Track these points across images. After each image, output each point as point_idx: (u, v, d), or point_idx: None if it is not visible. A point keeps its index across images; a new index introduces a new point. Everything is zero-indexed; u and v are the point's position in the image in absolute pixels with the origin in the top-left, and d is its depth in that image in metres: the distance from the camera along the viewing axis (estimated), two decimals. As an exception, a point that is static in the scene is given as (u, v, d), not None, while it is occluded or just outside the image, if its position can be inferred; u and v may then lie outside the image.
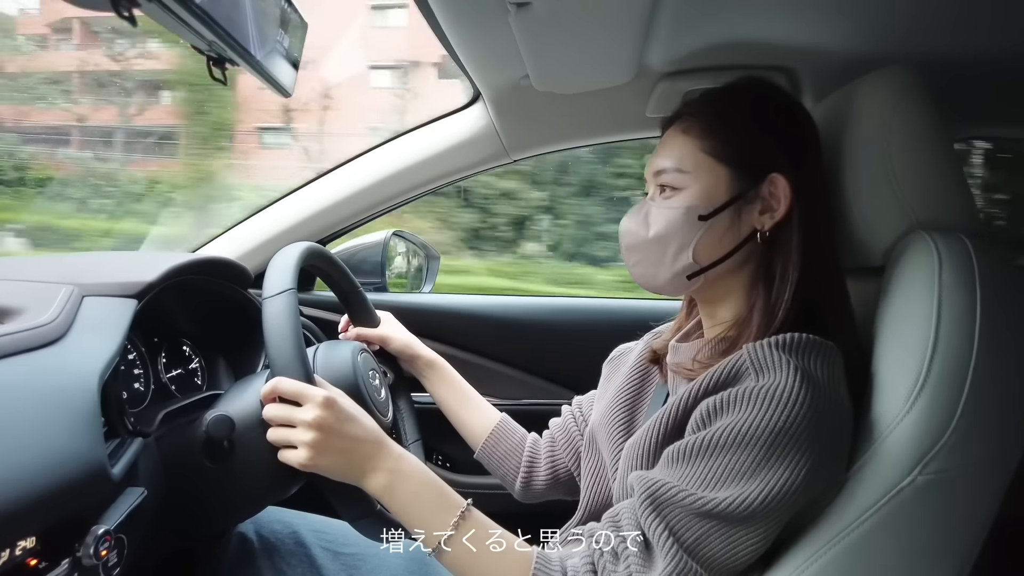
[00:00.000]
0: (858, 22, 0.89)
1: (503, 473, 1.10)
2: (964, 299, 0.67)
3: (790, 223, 0.76)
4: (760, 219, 0.77)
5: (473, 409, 1.13)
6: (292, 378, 0.78)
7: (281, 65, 0.74)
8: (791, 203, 0.76)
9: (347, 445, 0.78)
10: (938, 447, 0.65)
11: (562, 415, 1.11)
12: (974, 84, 1.01)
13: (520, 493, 1.10)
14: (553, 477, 1.07)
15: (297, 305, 0.82)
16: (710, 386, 0.72)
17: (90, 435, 0.68)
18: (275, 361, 0.79)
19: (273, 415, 0.79)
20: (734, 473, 0.66)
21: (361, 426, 0.80)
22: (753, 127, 0.78)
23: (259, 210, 1.47)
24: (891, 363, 0.71)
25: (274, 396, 0.79)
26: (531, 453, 1.09)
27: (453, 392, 1.14)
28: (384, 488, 0.78)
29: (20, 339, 0.70)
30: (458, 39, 0.98)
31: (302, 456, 0.76)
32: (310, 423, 0.76)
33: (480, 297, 1.61)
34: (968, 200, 0.77)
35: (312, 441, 0.76)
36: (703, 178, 0.78)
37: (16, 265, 1.01)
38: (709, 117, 0.80)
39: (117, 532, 0.67)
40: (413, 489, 0.78)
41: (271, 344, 0.79)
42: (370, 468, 0.78)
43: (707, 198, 0.77)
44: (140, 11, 0.51)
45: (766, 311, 0.75)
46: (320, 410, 0.77)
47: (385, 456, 0.79)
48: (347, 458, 0.78)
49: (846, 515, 0.67)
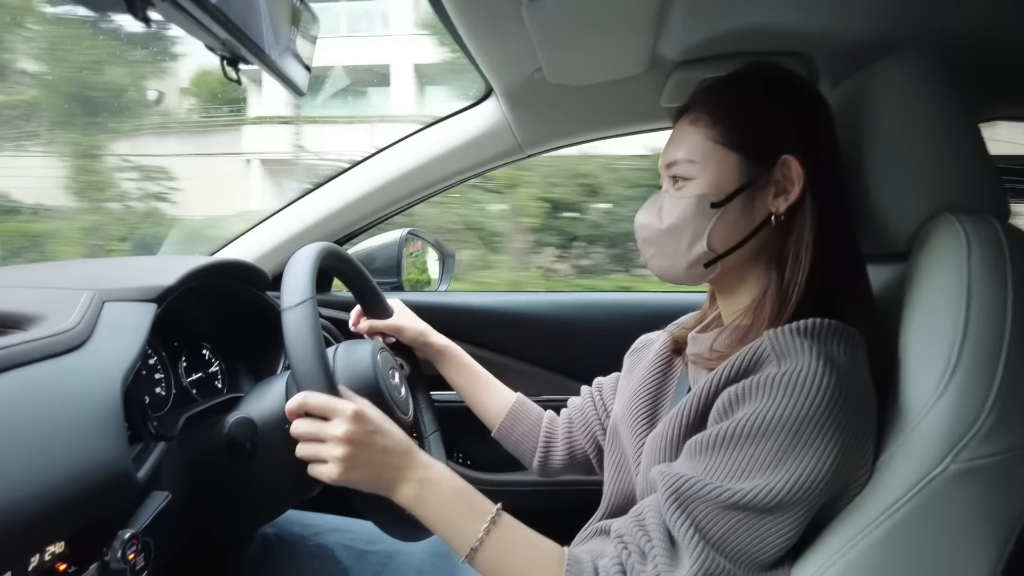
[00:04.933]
0: (874, 5, 0.88)
1: (521, 451, 1.11)
2: (995, 282, 0.66)
3: (804, 204, 0.75)
4: (775, 203, 0.76)
5: (490, 391, 1.13)
6: (318, 391, 0.78)
7: (294, 64, 0.74)
8: (804, 184, 0.75)
9: (377, 457, 0.77)
10: (971, 434, 0.63)
11: (581, 395, 1.11)
12: (995, 64, 0.99)
13: (538, 470, 1.10)
14: (570, 457, 1.07)
15: (317, 315, 0.81)
16: (731, 375, 0.71)
17: (115, 440, 0.68)
18: (299, 374, 0.78)
19: (302, 431, 0.78)
20: (759, 463, 0.65)
21: (390, 437, 0.79)
22: (760, 111, 0.77)
23: (276, 212, 1.47)
24: (920, 349, 0.70)
25: (301, 411, 0.78)
26: (548, 432, 1.09)
27: (468, 376, 1.14)
28: (414, 498, 0.77)
29: (43, 345, 0.70)
30: (470, 35, 0.98)
31: (333, 471, 0.76)
32: (340, 438, 0.75)
33: (496, 294, 1.61)
34: (995, 181, 0.76)
35: (343, 456, 0.75)
36: (713, 167, 0.77)
37: (36, 272, 1.02)
38: (715, 105, 0.79)
39: (144, 536, 0.68)
40: (442, 497, 0.78)
41: (294, 357, 0.78)
42: (400, 479, 0.78)
43: (718, 186, 0.77)
44: (154, 12, 0.51)
45: (779, 295, 0.75)
46: (350, 424, 0.76)
47: (414, 466, 0.79)
48: (377, 470, 0.77)
49: (877, 505, 0.66)
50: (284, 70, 0.70)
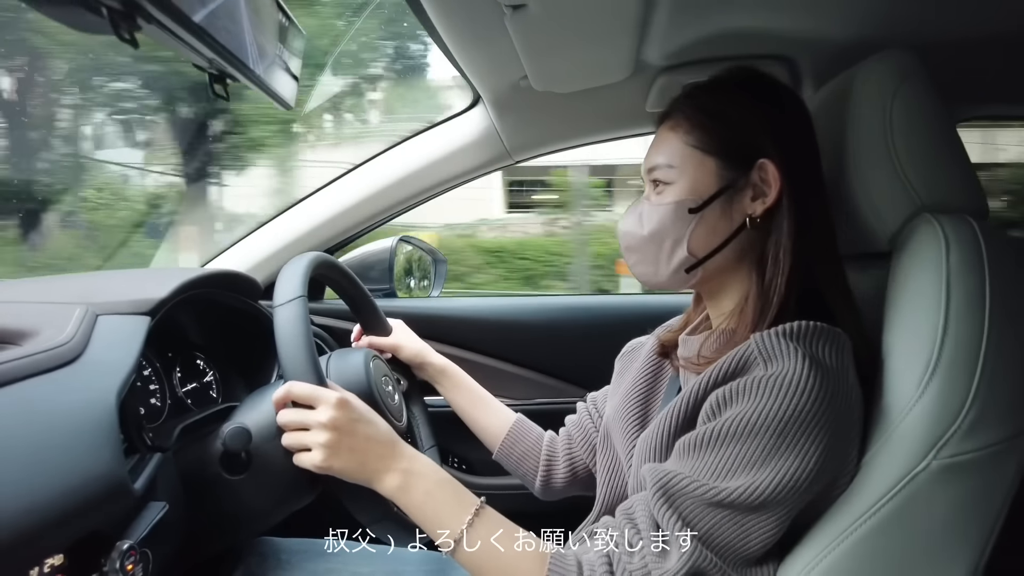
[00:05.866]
0: (855, 7, 0.89)
1: (522, 473, 1.11)
2: (973, 282, 0.67)
3: (781, 207, 0.76)
4: (752, 205, 0.77)
5: (489, 412, 1.14)
6: (305, 382, 0.79)
7: (281, 78, 0.74)
8: (781, 187, 0.75)
9: (361, 445, 0.78)
10: (952, 431, 0.65)
11: (577, 412, 1.12)
12: (974, 65, 1.01)
13: (540, 491, 1.10)
14: (572, 474, 1.07)
15: (307, 311, 0.82)
16: (719, 377, 0.72)
17: (111, 452, 0.69)
18: (287, 366, 0.79)
19: (287, 420, 0.80)
20: (745, 462, 0.66)
21: (374, 426, 0.80)
22: (737, 115, 0.78)
23: (266, 222, 1.48)
24: (901, 349, 0.71)
25: (287, 400, 0.80)
26: (549, 452, 1.09)
27: (467, 396, 1.14)
28: (397, 488, 0.78)
29: (38, 360, 0.71)
30: (455, 43, 0.98)
31: (316, 458, 0.77)
32: (324, 424, 0.77)
33: (487, 299, 1.62)
34: (973, 182, 0.77)
35: (326, 442, 0.77)
36: (691, 171, 0.78)
37: (29, 287, 1.02)
38: (693, 111, 0.80)
39: (142, 546, 0.69)
40: (426, 488, 0.78)
41: (283, 350, 0.80)
42: (384, 468, 0.79)
43: (696, 191, 0.78)
44: (140, 33, 0.51)
45: (760, 297, 0.76)
46: (334, 411, 0.77)
47: (398, 456, 0.80)
48: (361, 458, 0.78)
49: (861, 502, 0.67)
50: (270, 85, 0.71)
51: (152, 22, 0.50)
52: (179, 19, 0.51)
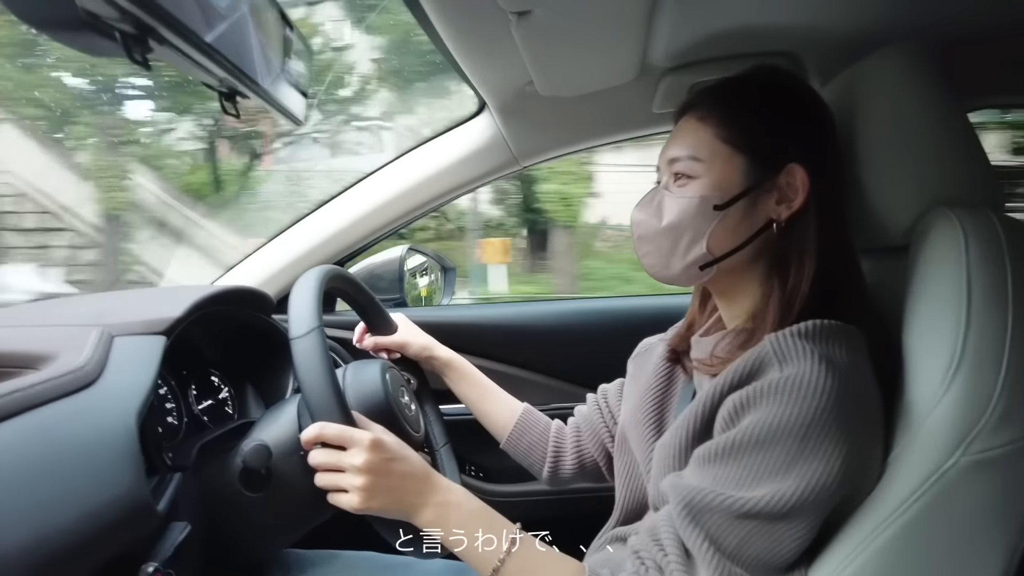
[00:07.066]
0: (859, 0, 0.88)
1: (530, 462, 1.11)
2: (994, 274, 0.66)
3: (807, 214, 0.75)
4: (776, 209, 0.76)
5: (497, 402, 1.14)
6: (332, 421, 0.78)
7: (290, 93, 0.74)
8: (808, 194, 0.75)
9: (397, 484, 0.78)
10: (980, 426, 0.64)
11: (587, 403, 1.12)
12: (981, 55, 1.00)
13: (548, 480, 1.10)
14: (580, 465, 1.08)
15: (326, 343, 0.81)
16: (735, 381, 0.71)
17: (133, 474, 0.69)
18: (313, 405, 0.78)
19: (320, 461, 0.79)
20: (768, 470, 0.65)
21: (408, 463, 0.80)
22: (771, 116, 0.77)
23: (276, 235, 1.48)
24: (923, 344, 0.70)
25: (318, 441, 0.79)
26: (556, 441, 1.10)
27: (474, 387, 1.14)
28: (434, 521, 0.78)
29: (57, 385, 0.71)
30: (460, 50, 0.98)
31: (355, 501, 0.76)
32: (360, 468, 0.76)
33: (497, 305, 1.63)
34: (988, 172, 0.76)
35: (363, 485, 0.76)
36: (719, 167, 0.77)
37: (43, 309, 1.03)
38: (727, 105, 0.79)
39: (166, 567, 0.69)
40: (462, 519, 0.78)
41: (306, 388, 0.79)
42: (420, 503, 0.78)
43: (722, 187, 0.76)
44: (152, 55, 0.51)
45: (783, 302, 0.74)
46: (368, 453, 0.76)
47: (433, 490, 0.80)
48: (398, 495, 0.78)
49: (890, 502, 0.66)
50: (280, 101, 0.71)
51: (164, 44, 0.50)
52: (191, 40, 0.51)
